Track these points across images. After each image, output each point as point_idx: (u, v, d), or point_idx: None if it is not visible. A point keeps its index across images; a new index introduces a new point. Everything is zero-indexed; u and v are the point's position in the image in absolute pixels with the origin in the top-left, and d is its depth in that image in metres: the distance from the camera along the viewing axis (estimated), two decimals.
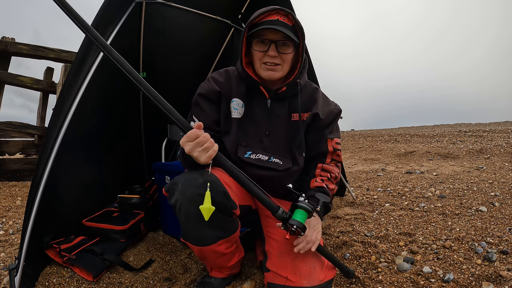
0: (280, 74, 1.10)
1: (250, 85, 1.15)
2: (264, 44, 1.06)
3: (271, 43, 1.05)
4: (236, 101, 1.15)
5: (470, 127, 8.16)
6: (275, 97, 1.15)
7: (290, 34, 1.01)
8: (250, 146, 1.13)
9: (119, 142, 2.17)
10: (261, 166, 1.14)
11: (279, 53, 1.06)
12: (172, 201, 0.98)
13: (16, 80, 4.11)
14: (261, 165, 1.14)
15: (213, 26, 2.29)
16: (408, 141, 6.65)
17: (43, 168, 1.19)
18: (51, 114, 1.31)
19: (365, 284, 1.16)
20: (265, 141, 1.15)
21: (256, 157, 1.13)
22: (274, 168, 1.15)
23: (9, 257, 1.53)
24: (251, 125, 1.15)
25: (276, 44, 1.05)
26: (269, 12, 1.04)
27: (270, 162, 1.14)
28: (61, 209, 1.55)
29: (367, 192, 2.69)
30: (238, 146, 1.13)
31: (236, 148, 1.13)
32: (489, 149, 4.49)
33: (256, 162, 1.13)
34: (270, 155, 1.14)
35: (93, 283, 1.25)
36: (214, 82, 1.16)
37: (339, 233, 1.70)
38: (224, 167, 0.90)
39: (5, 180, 3.69)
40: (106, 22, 1.43)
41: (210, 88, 1.15)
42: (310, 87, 1.23)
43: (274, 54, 1.05)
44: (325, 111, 1.20)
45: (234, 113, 1.15)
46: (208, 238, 1.01)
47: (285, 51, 1.06)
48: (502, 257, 1.28)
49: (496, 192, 2.28)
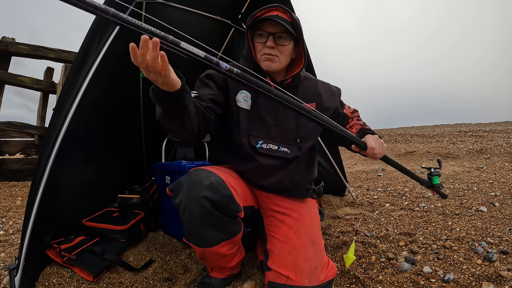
0: (277, 65, 1.13)
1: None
2: (263, 36, 1.12)
3: (269, 35, 1.10)
4: (245, 93, 1.17)
5: (470, 127, 8.16)
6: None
7: (287, 26, 1.07)
8: (261, 137, 1.16)
9: (119, 142, 2.17)
10: (272, 156, 1.17)
11: (276, 45, 1.11)
12: (176, 201, 0.99)
13: (16, 80, 4.10)
14: (272, 155, 1.17)
15: (213, 26, 2.29)
16: (408, 141, 6.65)
17: (43, 168, 1.19)
18: (51, 114, 1.31)
19: (365, 284, 1.16)
20: (273, 131, 1.18)
21: (267, 147, 1.16)
22: (284, 157, 1.18)
23: (9, 257, 1.52)
24: (259, 116, 1.18)
25: (274, 36, 1.10)
26: (269, 8, 1.12)
27: (280, 151, 1.17)
28: (61, 209, 1.55)
29: (367, 192, 2.69)
30: (250, 137, 1.15)
31: (248, 138, 1.15)
32: (489, 149, 4.49)
33: (268, 151, 1.16)
34: (279, 145, 1.18)
35: (93, 283, 1.25)
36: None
37: (339, 233, 1.70)
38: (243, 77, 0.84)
39: (5, 180, 3.69)
40: (106, 22, 1.43)
41: (218, 74, 1.15)
42: (310, 79, 1.30)
43: (272, 45, 1.10)
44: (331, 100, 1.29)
45: (243, 104, 1.17)
46: (211, 240, 1.01)
47: (282, 43, 1.11)
48: (502, 257, 1.28)
49: (496, 192, 2.28)
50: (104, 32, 1.41)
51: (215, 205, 0.95)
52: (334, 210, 2.17)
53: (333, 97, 1.30)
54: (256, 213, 1.26)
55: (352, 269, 1.25)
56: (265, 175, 1.19)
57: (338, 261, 1.35)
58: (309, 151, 1.25)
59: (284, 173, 1.19)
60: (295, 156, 1.19)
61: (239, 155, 1.17)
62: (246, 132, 1.15)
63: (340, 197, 2.48)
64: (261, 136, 1.16)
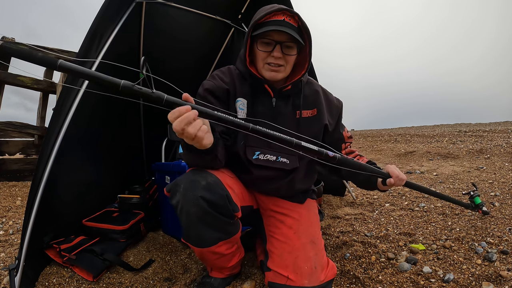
0: (282, 75, 1.10)
1: (253, 84, 1.13)
2: (269, 45, 1.05)
3: (276, 44, 1.03)
4: (241, 100, 1.13)
5: (470, 127, 8.16)
6: (280, 95, 1.15)
7: (296, 36, 1.00)
8: (258, 146, 1.12)
9: (119, 142, 2.17)
10: (269, 167, 1.13)
11: (283, 55, 1.05)
12: (174, 202, 0.98)
13: (16, 80, 4.10)
14: (270, 166, 1.13)
15: (213, 26, 2.29)
16: (408, 141, 6.66)
17: (43, 168, 1.19)
18: (51, 114, 1.31)
19: (365, 284, 1.16)
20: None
21: (264, 158, 1.12)
22: (282, 168, 1.15)
23: (9, 257, 1.52)
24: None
25: (281, 46, 1.04)
26: (275, 12, 1.02)
27: (278, 162, 1.14)
28: (61, 209, 1.55)
29: (367, 192, 2.69)
30: (246, 147, 1.11)
31: (245, 149, 1.11)
32: (489, 149, 4.49)
33: (265, 163, 1.12)
34: (278, 155, 1.13)
35: (93, 283, 1.25)
36: (220, 80, 1.13)
37: (339, 233, 1.70)
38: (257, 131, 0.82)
39: (5, 180, 3.68)
40: (106, 22, 1.43)
41: (218, 86, 1.11)
42: (312, 84, 1.25)
43: (279, 55, 1.04)
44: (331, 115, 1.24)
45: (239, 113, 1.12)
46: (208, 240, 1.01)
47: (289, 53, 1.06)
48: (502, 257, 1.28)
49: (496, 192, 2.28)
50: (104, 32, 1.41)
51: (212, 205, 0.94)
52: (334, 210, 2.17)
53: (333, 112, 1.25)
54: (255, 213, 1.25)
55: (352, 269, 1.25)
56: (262, 184, 1.18)
57: (338, 261, 1.35)
58: (310, 159, 1.21)
59: (282, 183, 1.17)
60: (295, 168, 1.16)
61: (236, 166, 1.15)
62: (243, 143, 1.11)
63: (340, 197, 2.48)
64: (259, 146, 1.11)
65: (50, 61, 0.60)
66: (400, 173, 1.07)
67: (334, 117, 1.25)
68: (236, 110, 1.12)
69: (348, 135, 1.30)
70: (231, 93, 1.12)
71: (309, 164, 1.22)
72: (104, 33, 1.41)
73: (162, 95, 0.69)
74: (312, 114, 1.19)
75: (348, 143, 1.30)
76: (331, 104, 1.26)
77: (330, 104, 1.26)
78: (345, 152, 1.27)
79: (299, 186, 1.22)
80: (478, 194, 1.63)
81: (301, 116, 1.17)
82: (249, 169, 1.13)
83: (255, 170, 1.13)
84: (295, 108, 1.17)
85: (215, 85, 1.11)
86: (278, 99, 1.15)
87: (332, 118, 1.25)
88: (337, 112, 1.27)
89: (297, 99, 1.17)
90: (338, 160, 0.93)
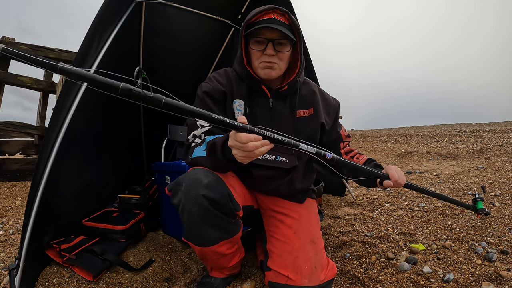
0: (277, 73, 1.10)
1: (250, 85, 1.14)
2: (261, 43, 1.06)
3: (268, 42, 1.05)
4: (238, 102, 1.14)
5: (470, 127, 8.16)
6: (277, 95, 1.16)
7: (287, 32, 1.02)
8: None
9: (119, 142, 2.17)
10: (268, 166, 1.14)
11: (276, 52, 1.06)
12: (175, 201, 0.98)
13: (16, 80, 4.10)
14: (268, 165, 1.14)
15: (213, 26, 2.29)
16: (408, 141, 6.66)
17: (43, 168, 1.19)
18: (51, 114, 1.31)
19: (365, 284, 1.16)
20: None
21: (263, 157, 1.13)
22: (281, 167, 1.16)
23: (9, 257, 1.52)
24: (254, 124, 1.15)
25: (273, 43, 1.05)
26: (265, 11, 1.05)
27: (277, 161, 1.15)
28: (61, 209, 1.55)
29: (367, 192, 2.69)
30: None
31: None
32: (489, 149, 4.49)
33: (263, 162, 1.13)
34: (277, 154, 1.14)
35: (93, 283, 1.25)
36: (217, 82, 1.15)
37: (339, 233, 1.70)
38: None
39: (5, 180, 3.69)
40: (106, 22, 1.44)
41: (215, 88, 1.12)
42: (308, 84, 1.26)
43: (272, 53, 1.05)
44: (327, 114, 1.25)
45: (237, 114, 1.13)
46: (210, 239, 1.01)
47: (282, 50, 1.07)
48: (502, 257, 1.28)
49: (496, 192, 2.28)
50: (104, 32, 1.41)
51: (214, 204, 0.94)
52: (334, 210, 2.17)
53: (330, 111, 1.26)
54: (255, 213, 1.26)
55: (352, 269, 1.25)
56: (261, 184, 1.18)
57: (338, 261, 1.35)
58: (308, 158, 1.22)
59: (281, 183, 1.17)
60: (294, 166, 1.17)
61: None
62: None
63: (340, 197, 2.48)
64: None
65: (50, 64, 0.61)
66: (400, 177, 1.06)
67: (331, 116, 1.26)
68: (234, 112, 1.13)
69: (346, 134, 1.31)
70: (228, 95, 1.13)
71: (308, 163, 1.23)
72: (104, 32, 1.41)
73: (161, 97, 0.70)
74: (309, 114, 1.20)
75: (347, 142, 1.30)
76: (328, 103, 1.27)
77: (326, 103, 1.27)
78: (344, 151, 1.28)
79: (299, 186, 1.22)
80: (482, 198, 1.61)
81: (298, 116, 1.18)
82: (249, 169, 1.13)
83: (255, 170, 1.14)
84: (292, 108, 1.18)
85: (211, 87, 1.13)
86: (275, 100, 1.16)
87: (329, 117, 1.26)
88: (334, 111, 1.28)
89: (294, 99, 1.18)
90: (336, 161, 0.93)
